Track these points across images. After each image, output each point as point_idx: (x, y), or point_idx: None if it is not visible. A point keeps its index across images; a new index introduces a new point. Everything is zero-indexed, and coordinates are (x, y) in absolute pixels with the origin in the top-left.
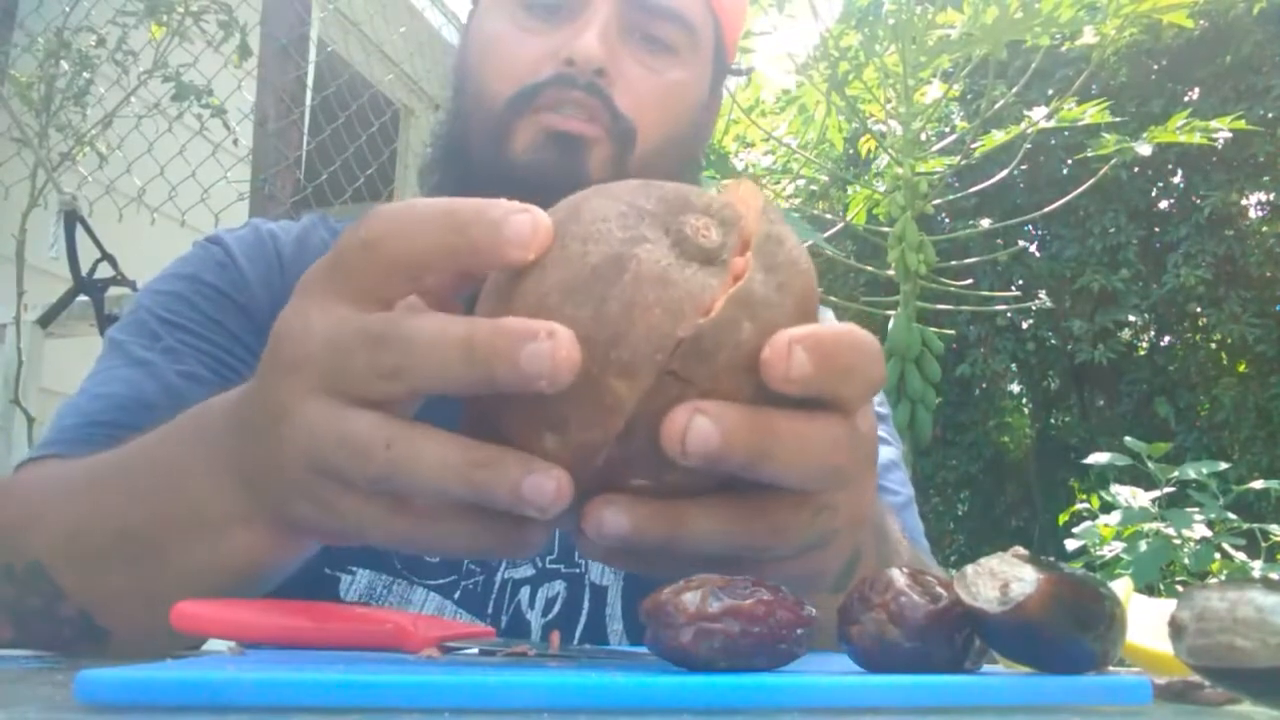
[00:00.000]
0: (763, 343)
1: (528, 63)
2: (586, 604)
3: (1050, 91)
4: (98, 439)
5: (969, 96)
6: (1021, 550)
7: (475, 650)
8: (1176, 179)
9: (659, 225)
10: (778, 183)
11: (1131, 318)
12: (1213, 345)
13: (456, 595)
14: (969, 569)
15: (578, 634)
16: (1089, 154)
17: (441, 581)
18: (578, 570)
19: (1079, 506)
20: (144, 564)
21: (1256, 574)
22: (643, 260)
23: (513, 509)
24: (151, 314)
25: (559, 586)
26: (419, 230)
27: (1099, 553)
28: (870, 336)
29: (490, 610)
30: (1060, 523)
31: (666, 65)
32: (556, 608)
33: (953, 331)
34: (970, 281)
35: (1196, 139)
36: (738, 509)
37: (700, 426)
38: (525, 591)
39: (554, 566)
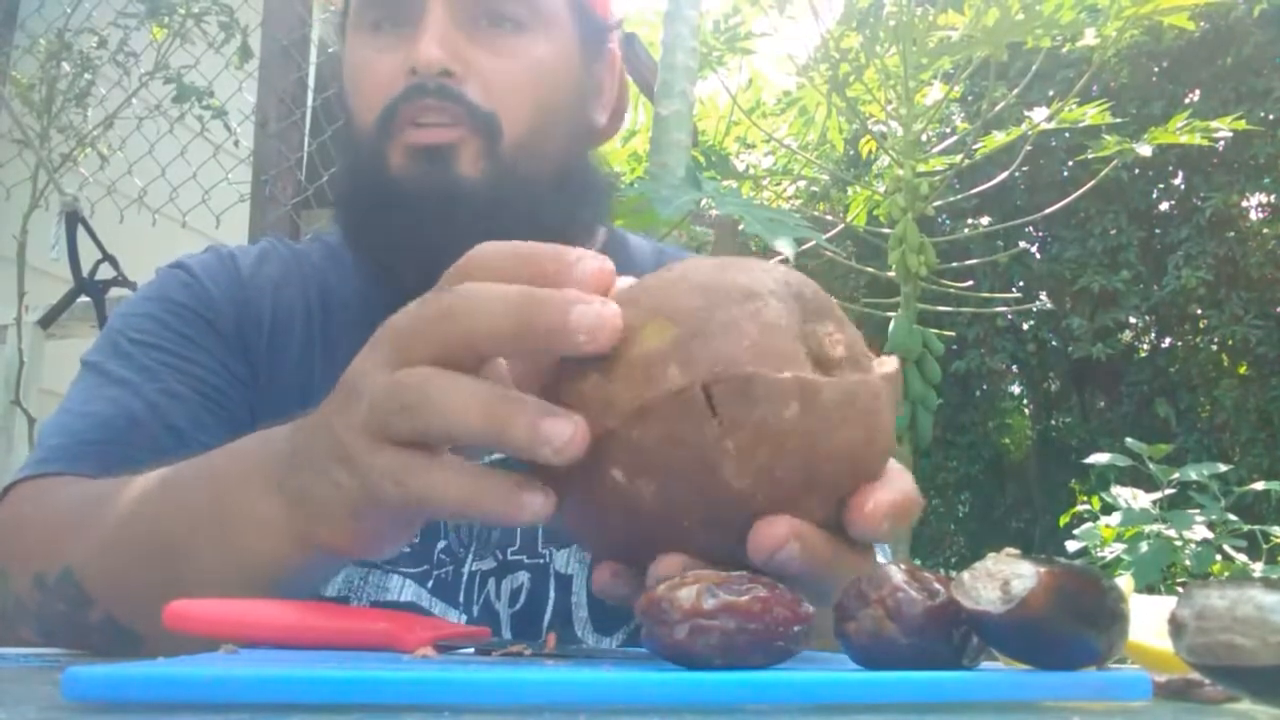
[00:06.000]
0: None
1: (383, 82)
2: (553, 593)
3: (1051, 93)
4: (91, 456)
5: (970, 98)
6: (1014, 550)
7: (471, 650)
8: (1177, 180)
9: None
10: (778, 184)
11: (1132, 319)
12: (1213, 347)
13: (430, 584)
14: (965, 575)
15: (545, 623)
16: (1089, 155)
17: (415, 570)
18: (542, 560)
19: (1080, 508)
20: (176, 569)
21: (1257, 576)
22: None
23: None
24: (124, 336)
25: (523, 577)
26: (500, 312)
27: (1100, 554)
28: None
29: (462, 600)
30: (1061, 524)
31: (520, 44)
32: (523, 598)
33: (953, 333)
34: (970, 283)
35: (1197, 140)
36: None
37: (792, 551)
38: (491, 583)
39: (516, 558)
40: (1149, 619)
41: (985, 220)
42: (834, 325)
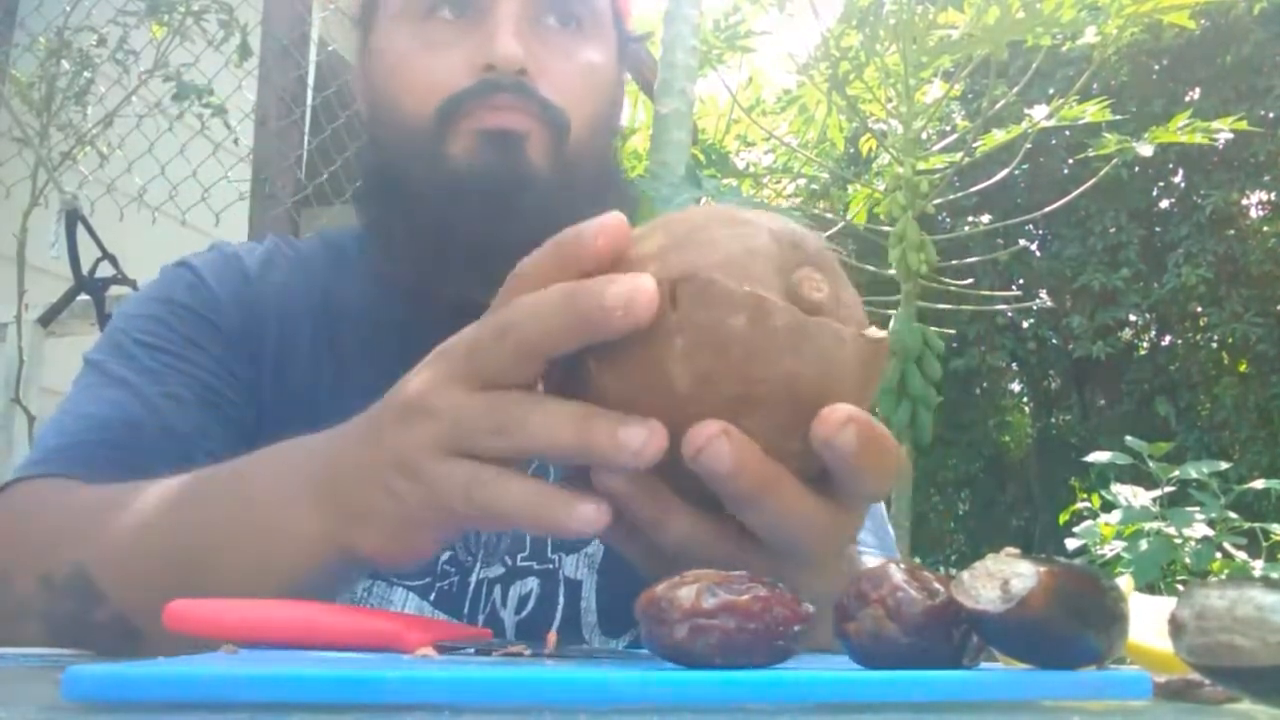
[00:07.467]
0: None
1: (446, 75)
2: (561, 599)
3: (1051, 91)
4: (87, 458)
5: (970, 96)
6: (1014, 550)
7: (471, 651)
8: (1177, 178)
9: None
10: (778, 182)
11: (1132, 317)
12: (1213, 345)
13: (432, 597)
14: (964, 575)
15: (554, 629)
16: (1090, 153)
17: (418, 583)
18: (550, 566)
19: (1080, 506)
20: (199, 576)
21: (1257, 574)
22: None
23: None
24: (128, 336)
25: (532, 584)
26: (547, 314)
27: (1100, 552)
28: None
29: (466, 610)
30: (1061, 522)
31: (580, 45)
32: (530, 605)
33: (953, 331)
34: (971, 281)
35: (1198, 140)
36: (721, 532)
37: (720, 449)
38: (498, 590)
39: (525, 564)
40: (1149, 619)
41: (985, 218)
42: (824, 276)
